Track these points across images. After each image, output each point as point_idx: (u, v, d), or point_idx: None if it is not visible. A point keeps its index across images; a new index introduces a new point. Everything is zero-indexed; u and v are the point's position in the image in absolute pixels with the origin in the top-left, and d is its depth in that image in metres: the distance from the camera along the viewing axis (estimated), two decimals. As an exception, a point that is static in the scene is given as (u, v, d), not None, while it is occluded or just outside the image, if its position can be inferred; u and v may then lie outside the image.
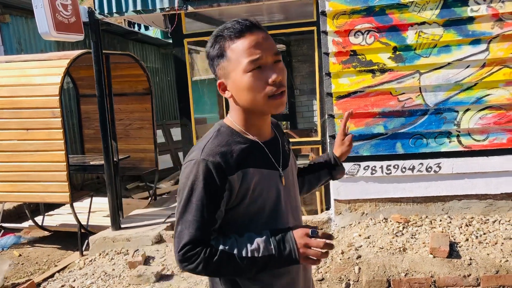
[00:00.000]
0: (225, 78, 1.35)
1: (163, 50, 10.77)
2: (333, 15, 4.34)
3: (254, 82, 1.29)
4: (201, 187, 1.28)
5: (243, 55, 1.28)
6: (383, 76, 4.34)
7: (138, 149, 7.17)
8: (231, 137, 1.37)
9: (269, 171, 1.40)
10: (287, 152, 1.53)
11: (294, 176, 1.56)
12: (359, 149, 4.45)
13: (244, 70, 1.29)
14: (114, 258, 4.71)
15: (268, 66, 1.30)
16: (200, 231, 1.29)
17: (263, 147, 1.41)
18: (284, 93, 1.32)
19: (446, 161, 4.35)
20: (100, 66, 5.00)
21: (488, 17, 4.11)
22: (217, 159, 1.29)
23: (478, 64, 4.18)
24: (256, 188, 1.35)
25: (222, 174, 1.29)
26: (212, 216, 1.31)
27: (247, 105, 1.34)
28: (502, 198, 4.33)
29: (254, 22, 1.33)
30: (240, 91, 1.32)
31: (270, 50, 1.31)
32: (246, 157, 1.35)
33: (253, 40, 1.29)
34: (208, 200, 1.29)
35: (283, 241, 1.31)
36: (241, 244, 1.31)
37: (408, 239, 4.00)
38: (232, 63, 1.30)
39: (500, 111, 4.21)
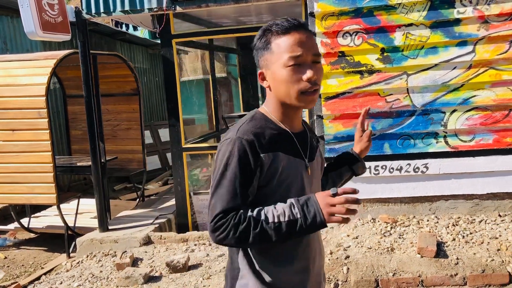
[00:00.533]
0: (266, 69, 1.47)
1: (151, 51, 10.71)
2: (321, 16, 4.35)
3: (291, 76, 1.40)
4: (236, 161, 1.38)
5: (285, 50, 1.40)
6: (371, 77, 4.37)
7: (126, 150, 7.12)
8: (264, 123, 1.47)
9: (296, 159, 1.49)
10: (314, 147, 1.61)
11: (319, 171, 1.65)
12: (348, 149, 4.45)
13: (284, 64, 1.40)
14: (101, 260, 4.67)
15: (307, 64, 1.40)
16: (232, 202, 1.37)
17: (293, 137, 1.51)
18: (317, 91, 1.43)
19: (433, 161, 4.38)
20: (87, 66, 4.95)
21: (474, 19, 4.15)
22: (251, 137, 1.40)
23: (465, 65, 4.23)
24: (284, 172, 1.44)
25: (255, 151, 1.39)
26: (245, 190, 1.39)
27: (282, 96, 1.45)
28: (488, 198, 4.38)
29: (302, 23, 1.44)
30: (277, 82, 1.43)
31: (311, 49, 1.41)
32: (277, 141, 1.45)
33: (297, 38, 1.40)
34: (241, 174, 1.38)
35: (307, 204, 1.37)
36: (267, 211, 1.38)
37: (396, 239, 4.02)
38: (274, 56, 1.42)
39: (486, 112, 4.26)
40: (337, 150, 4.48)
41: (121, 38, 9.22)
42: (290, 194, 1.45)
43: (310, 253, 1.54)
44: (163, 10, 4.71)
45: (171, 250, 4.64)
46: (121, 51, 9.44)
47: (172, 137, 5.22)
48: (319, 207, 1.35)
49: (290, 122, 1.52)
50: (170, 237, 4.84)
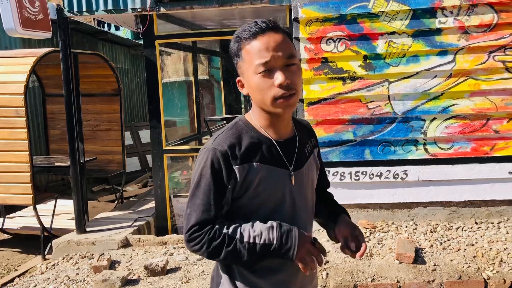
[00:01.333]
0: (242, 76, 1.44)
1: (133, 51, 10.62)
2: (305, 22, 4.38)
3: (262, 83, 1.35)
4: (209, 173, 1.37)
5: (254, 57, 1.35)
6: (353, 84, 4.41)
7: (105, 151, 7.04)
8: (244, 131, 1.44)
9: (278, 169, 1.44)
10: (305, 154, 1.55)
11: (310, 179, 1.57)
12: (329, 155, 4.49)
13: (254, 71, 1.35)
14: (78, 262, 4.59)
15: (278, 69, 1.34)
16: (206, 214, 1.37)
17: (275, 145, 1.45)
18: (293, 95, 1.36)
19: (412, 168, 4.44)
20: (68, 65, 4.88)
21: (455, 29, 4.23)
22: (225, 148, 1.37)
23: (445, 74, 4.29)
24: (261, 183, 1.40)
25: (228, 163, 1.37)
26: (219, 201, 1.38)
27: (259, 104, 1.42)
28: (466, 205, 4.45)
29: (270, 25, 1.37)
30: (252, 90, 1.40)
31: (282, 52, 1.34)
32: (255, 151, 1.41)
33: (265, 43, 1.34)
34: (214, 185, 1.37)
35: (287, 236, 1.36)
36: (244, 229, 1.37)
37: (375, 245, 4.05)
38: (245, 63, 1.38)
39: (465, 121, 4.33)
40: (319, 155, 4.49)
41: (103, 37, 9.13)
42: (268, 205, 1.44)
43: (291, 267, 1.48)
44: (147, 10, 4.67)
45: (149, 253, 4.59)
46: (103, 51, 9.34)
47: (153, 138, 5.17)
48: (296, 245, 1.37)
49: (275, 128, 1.47)
50: (149, 240, 4.78)
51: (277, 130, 1.47)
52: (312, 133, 1.68)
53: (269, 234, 1.36)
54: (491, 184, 4.37)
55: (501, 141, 4.32)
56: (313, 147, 1.63)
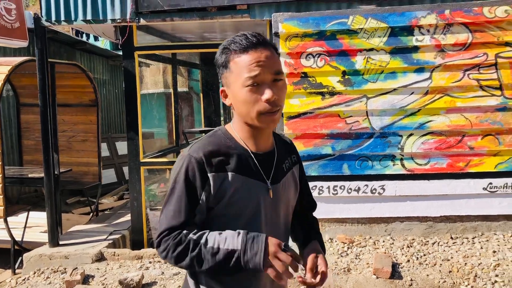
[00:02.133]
0: (227, 87, 1.43)
1: (111, 62, 10.52)
2: (285, 37, 4.41)
3: (249, 97, 1.35)
4: (183, 179, 1.37)
5: (243, 70, 1.35)
6: (332, 99, 4.44)
7: (81, 163, 6.91)
8: (223, 140, 1.44)
9: (254, 181, 1.43)
10: (283, 170, 1.54)
11: (288, 195, 1.55)
12: (308, 169, 4.50)
13: (242, 84, 1.35)
14: (50, 277, 4.46)
15: (266, 84, 1.35)
16: (176, 220, 1.37)
17: (253, 157, 1.45)
18: (278, 111, 1.38)
19: (390, 183, 4.48)
20: (45, 75, 4.79)
21: (431, 47, 4.32)
22: (200, 155, 1.37)
23: (422, 91, 4.37)
24: (236, 194, 1.39)
25: (203, 170, 1.36)
26: (191, 209, 1.37)
27: (243, 116, 1.41)
28: (441, 220, 4.51)
29: (261, 40, 1.38)
30: (237, 102, 1.40)
31: (271, 68, 1.36)
32: (231, 161, 1.41)
33: (255, 57, 1.34)
34: (187, 192, 1.36)
35: (253, 240, 1.31)
36: (210, 235, 1.35)
37: (352, 260, 4.06)
38: (233, 75, 1.38)
39: (441, 137, 4.41)
40: (297, 170, 4.49)
41: (81, 47, 9.02)
42: (242, 217, 1.41)
43: (261, 279, 1.45)
44: (127, 21, 4.64)
45: (124, 267, 4.49)
46: (81, 61, 9.22)
47: (130, 150, 5.11)
48: (262, 250, 1.29)
49: (255, 141, 1.47)
50: (124, 254, 4.69)
51: (257, 143, 1.47)
52: (293, 150, 1.66)
53: (233, 240, 1.32)
54: (466, 200, 4.44)
55: (476, 157, 4.40)
56: (293, 164, 1.61)
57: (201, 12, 4.60)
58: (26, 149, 7.22)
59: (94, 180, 6.80)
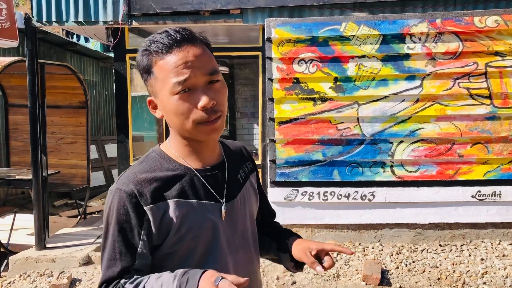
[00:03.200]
0: (154, 96, 1.19)
1: (102, 64, 10.45)
2: (278, 42, 4.42)
3: (181, 106, 1.13)
4: (114, 221, 1.15)
5: (169, 75, 1.11)
6: (324, 105, 4.45)
7: (70, 165, 6.84)
8: (158, 163, 1.22)
9: (203, 202, 1.21)
10: (239, 182, 1.33)
11: (248, 209, 1.35)
12: (298, 174, 4.50)
13: (171, 92, 1.12)
14: (36, 280, 4.39)
15: (200, 88, 1.13)
16: (111, 271, 1.16)
17: (198, 176, 1.22)
18: (218, 118, 1.15)
19: (379, 190, 4.49)
20: (34, 76, 4.74)
21: (422, 55, 4.35)
22: (131, 188, 1.14)
23: (413, 99, 4.40)
24: (184, 223, 1.17)
25: (137, 205, 1.14)
26: (127, 254, 1.15)
27: (177, 129, 1.19)
28: (430, 227, 4.53)
29: (186, 35, 1.13)
30: (168, 113, 1.17)
31: (202, 69, 1.13)
32: (171, 186, 1.18)
33: (182, 57, 1.11)
34: (121, 235, 1.15)
35: (186, 283, 1.07)
36: (148, 283, 1.12)
37: (342, 266, 4.06)
38: (159, 82, 1.14)
39: (431, 145, 4.44)
40: (288, 175, 4.50)
41: (71, 49, 8.94)
42: (197, 248, 1.19)
43: None
44: (119, 24, 4.62)
45: (112, 271, 4.44)
46: (71, 62, 9.15)
47: (120, 153, 5.07)
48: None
49: (198, 156, 1.24)
50: (112, 258, 4.63)
51: (201, 158, 1.25)
52: (247, 156, 1.45)
53: (169, 286, 1.08)
54: (455, 207, 4.47)
55: (465, 165, 4.44)
56: (250, 172, 1.41)
57: (194, 15, 4.59)
58: (13, 150, 7.12)
59: (82, 183, 6.73)
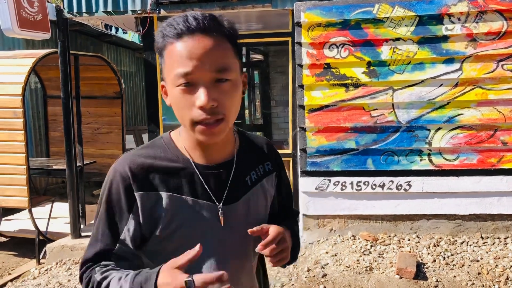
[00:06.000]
0: (165, 82, 1.12)
1: (138, 54, 10.58)
2: (308, 26, 4.26)
3: (180, 100, 1.05)
4: (105, 198, 1.12)
5: (174, 64, 1.03)
6: (356, 91, 4.28)
7: (106, 154, 6.96)
8: (162, 151, 1.15)
9: (199, 201, 1.13)
10: (246, 184, 1.22)
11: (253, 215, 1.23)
12: (330, 164, 4.36)
13: (173, 82, 1.05)
14: (71, 268, 4.49)
15: (203, 85, 1.02)
16: (92, 250, 1.12)
17: (197, 172, 1.14)
18: (220, 121, 1.04)
19: (416, 179, 4.29)
20: (67, 67, 4.80)
21: (462, 37, 4.09)
22: (126, 170, 1.10)
23: (451, 83, 4.15)
24: (174, 220, 1.11)
25: (128, 188, 1.09)
26: (109, 235, 1.11)
27: (180, 121, 1.10)
28: (471, 219, 4.29)
29: (202, 24, 1.02)
30: (172, 103, 1.10)
31: (209, 64, 1.02)
32: (168, 178, 1.12)
33: (189, 47, 1.01)
34: (108, 216, 1.11)
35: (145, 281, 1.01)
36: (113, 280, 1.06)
37: (375, 258, 3.91)
38: (167, 68, 1.07)
39: (471, 131, 4.18)
40: (319, 164, 4.36)
41: (107, 40, 9.08)
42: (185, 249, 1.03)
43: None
44: (147, 12, 4.59)
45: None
46: (107, 54, 9.29)
47: (152, 143, 5.07)
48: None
49: (203, 152, 1.16)
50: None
51: (207, 154, 1.16)
52: (268, 156, 1.31)
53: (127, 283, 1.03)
54: (498, 198, 4.21)
55: (509, 153, 4.16)
56: (266, 174, 1.28)
57: (222, 2, 4.50)
58: (52, 141, 7.32)
59: (118, 172, 6.83)
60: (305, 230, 4.48)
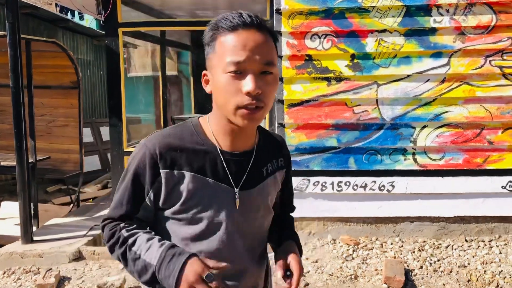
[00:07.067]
0: (210, 70, 1.22)
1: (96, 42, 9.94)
2: (288, 14, 3.94)
3: (229, 85, 1.14)
4: (132, 170, 1.24)
5: (227, 52, 1.13)
6: (339, 85, 3.99)
7: (61, 149, 6.40)
8: (190, 134, 1.26)
9: (219, 184, 1.25)
10: (262, 174, 1.33)
11: (263, 204, 1.35)
12: (310, 162, 4.07)
13: (224, 69, 1.14)
14: (21, 278, 3.99)
15: (251, 74, 1.13)
16: (116, 211, 1.27)
17: (221, 157, 1.25)
18: (260, 108, 1.16)
19: (400, 180, 4.07)
20: (17, 52, 4.27)
21: (450, 30, 3.88)
22: (155, 147, 1.21)
23: (438, 78, 3.94)
24: (194, 197, 1.22)
25: (155, 165, 1.21)
26: (133, 203, 1.26)
27: (220, 107, 1.20)
28: (455, 221, 4.12)
29: (256, 21, 1.15)
30: (216, 89, 1.19)
31: (260, 56, 1.13)
32: (193, 159, 1.23)
33: (244, 39, 1.13)
34: (133, 185, 1.24)
35: (171, 260, 1.17)
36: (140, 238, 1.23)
37: (359, 265, 3.65)
38: (217, 56, 1.16)
39: (457, 130, 3.99)
40: (298, 163, 4.06)
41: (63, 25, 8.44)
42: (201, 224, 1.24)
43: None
44: (110, -7, 4.13)
45: (105, 268, 4.04)
46: (63, 40, 8.64)
47: (113, 138, 4.63)
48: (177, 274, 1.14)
49: (230, 139, 1.26)
50: (104, 253, 4.22)
51: (233, 142, 1.27)
52: (282, 152, 1.44)
53: (153, 252, 1.19)
54: (483, 199, 4.04)
55: (495, 152, 4.00)
56: (278, 168, 1.40)
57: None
58: (1, 134, 6.69)
59: (75, 168, 6.30)
60: (282, 234, 4.18)
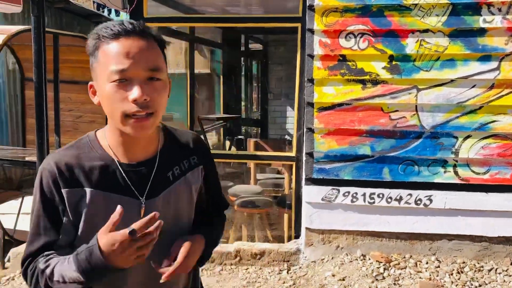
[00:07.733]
0: (95, 80, 1.20)
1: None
2: (322, 11, 3.66)
3: (114, 94, 1.13)
4: (38, 198, 1.21)
5: (110, 61, 1.12)
6: (375, 89, 3.69)
7: (88, 146, 6.34)
8: (86, 151, 1.24)
9: (121, 197, 1.22)
10: (167, 180, 1.30)
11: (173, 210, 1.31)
12: (340, 171, 3.78)
13: (108, 78, 1.13)
14: (36, 279, 3.88)
15: (137, 81, 1.12)
16: (34, 245, 1.21)
17: (120, 169, 1.23)
18: (150, 116, 1.14)
19: (438, 193, 3.72)
20: (41, 46, 4.14)
21: (502, 31, 3.51)
22: (53, 168, 1.19)
23: (486, 84, 3.57)
24: (97, 215, 1.19)
25: (57, 185, 1.19)
26: (51, 229, 1.20)
27: (109, 117, 1.19)
28: (499, 242, 3.74)
29: (137, 28, 1.15)
30: (103, 99, 1.18)
31: (143, 63, 1.13)
32: (92, 175, 1.21)
33: (126, 47, 1.12)
34: (44, 211, 1.20)
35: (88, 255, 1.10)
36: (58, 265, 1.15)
37: (390, 286, 3.35)
38: (100, 66, 1.15)
39: (505, 141, 3.61)
40: (328, 171, 3.78)
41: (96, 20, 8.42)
42: None
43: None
44: (135, -13, 3.96)
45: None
46: (96, 35, 8.62)
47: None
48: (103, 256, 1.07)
49: (127, 149, 1.24)
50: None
51: (130, 151, 1.25)
52: (195, 149, 1.39)
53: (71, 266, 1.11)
54: (532, 219, 3.66)
55: (548, 168, 3.61)
56: (191, 168, 1.36)
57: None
58: (30, 128, 6.68)
59: (100, 165, 6.23)
60: (308, 246, 3.91)
